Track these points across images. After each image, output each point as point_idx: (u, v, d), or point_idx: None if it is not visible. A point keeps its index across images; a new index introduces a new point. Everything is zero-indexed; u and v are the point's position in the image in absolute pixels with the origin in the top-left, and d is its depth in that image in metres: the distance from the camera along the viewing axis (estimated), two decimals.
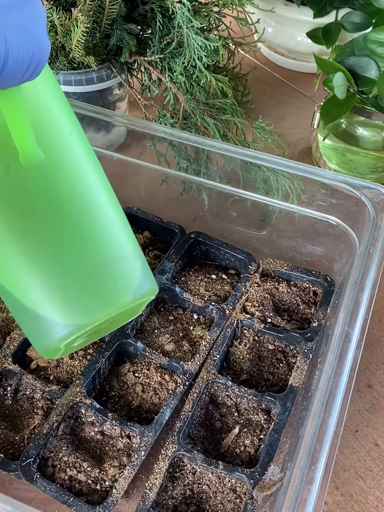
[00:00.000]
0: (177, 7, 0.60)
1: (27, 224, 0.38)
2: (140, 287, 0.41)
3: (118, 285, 0.40)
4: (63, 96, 0.43)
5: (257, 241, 0.63)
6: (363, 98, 0.63)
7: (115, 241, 0.41)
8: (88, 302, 0.39)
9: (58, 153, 0.39)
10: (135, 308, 0.44)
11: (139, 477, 0.48)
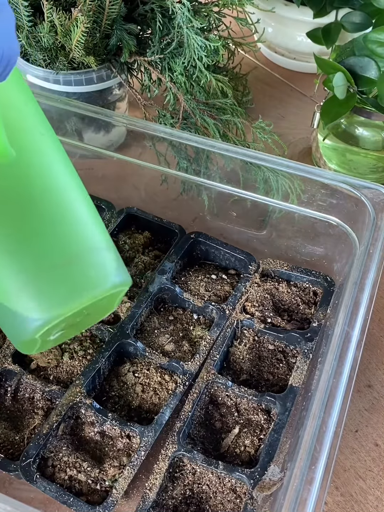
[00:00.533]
0: (177, 7, 0.60)
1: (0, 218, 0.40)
2: (112, 278, 0.43)
3: (90, 276, 0.42)
4: (35, 102, 0.44)
5: (257, 241, 0.63)
6: (363, 98, 0.63)
7: (87, 233, 0.43)
8: (61, 292, 0.40)
9: (30, 152, 0.41)
10: (109, 300, 0.45)
11: (139, 477, 0.48)
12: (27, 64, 0.66)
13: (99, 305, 0.43)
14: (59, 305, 0.40)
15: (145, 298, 0.56)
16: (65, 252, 0.41)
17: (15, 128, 0.41)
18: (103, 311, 0.48)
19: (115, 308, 0.48)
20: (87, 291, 0.41)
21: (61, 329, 0.43)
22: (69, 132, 0.64)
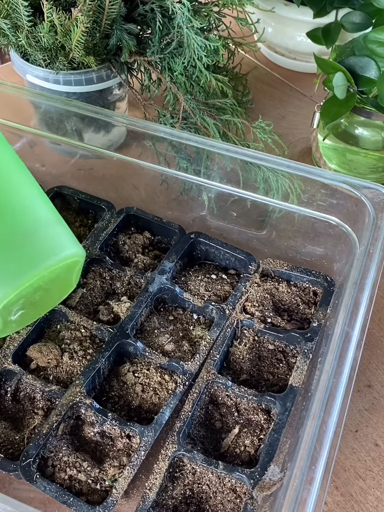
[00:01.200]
0: (177, 7, 0.60)
1: None
2: (63, 249, 0.46)
3: (44, 248, 0.45)
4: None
5: (257, 241, 0.63)
6: (363, 98, 0.63)
7: (36, 213, 0.46)
8: (15, 266, 0.43)
9: None
10: (66, 275, 0.48)
11: (139, 477, 0.48)
12: (27, 64, 0.66)
13: (57, 280, 0.47)
14: (14, 278, 0.43)
15: (145, 298, 0.56)
16: (18, 230, 0.44)
17: None
18: (62, 288, 0.50)
19: (74, 285, 0.51)
20: (40, 262, 0.44)
21: (21, 307, 0.46)
22: (69, 132, 0.64)
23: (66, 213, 0.66)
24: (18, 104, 0.64)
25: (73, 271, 0.49)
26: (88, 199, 0.65)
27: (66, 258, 0.46)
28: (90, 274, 0.60)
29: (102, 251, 0.61)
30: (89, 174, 0.69)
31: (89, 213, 0.66)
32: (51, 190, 0.66)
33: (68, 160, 0.68)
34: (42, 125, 0.65)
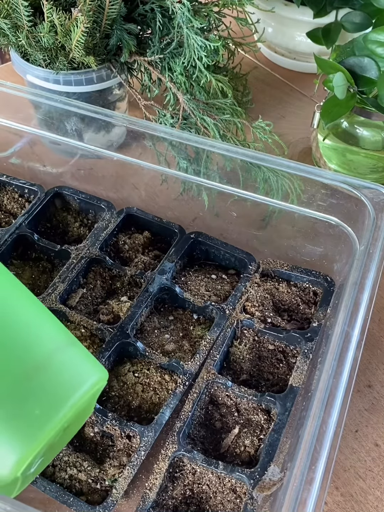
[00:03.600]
0: (177, 7, 0.60)
1: None
2: (91, 374, 0.39)
3: (65, 380, 0.37)
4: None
5: (257, 241, 0.63)
6: (363, 98, 0.63)
7: (45, 337, 0.38)
8: (37, 410, 0.35)
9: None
10: (89, 402, 0.40)
11: (139, 477, 0.48)
12: (27, 64, 0.66)
13: (80, 410, 0.39)
14: (40, 427, 0.35)
15: (145, 298, 0.56)
16: (27, 363, 0.36)
17: None
18: (82, 415, 0.43)
19: (92, 410, 0.43)
20: (68, 397, 0.36)
21: (42, 455, 0.38)
22: (69, 132, 0.64)
23: (66, 213, 0.66)
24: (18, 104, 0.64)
25: (95, 395, 0.42)
26: (88, 199, 0.65)
27: (90, 387, 0.39)
28: (90, 274, 0.60)
29: (102, 251, 0.61)
30: (89, 174, 0.69)
31: (89, 213, 0.66)
32: (51, 190, 0.66)
33: (68, 160, 0.68)
34: (42, 125, 0.65)
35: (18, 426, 0.35)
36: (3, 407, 0.35)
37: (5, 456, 0.34)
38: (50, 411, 0.36)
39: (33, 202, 0.64)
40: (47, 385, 0.36)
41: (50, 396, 0.36)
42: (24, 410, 0.35)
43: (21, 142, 0.68)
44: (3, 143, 0.69)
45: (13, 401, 0.35)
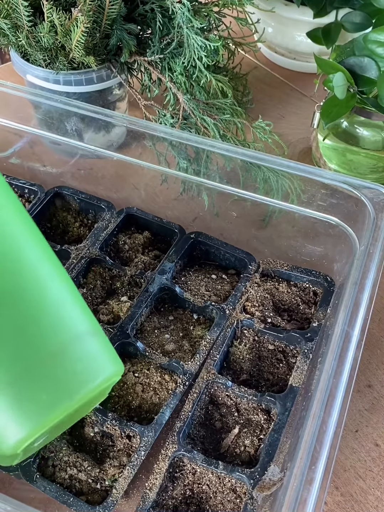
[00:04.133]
0: (177, 7, 0.60)
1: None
2: (103, 370, 0.38)
3: (76, 372, 0.36)
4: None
5: (257, 241, 0.63)
6: (363, 98, 0.63)
7: (65, 320, 0.37)
8: (43, 396, 0.35)
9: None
10: (100, 392, 0.39)
11: (139, 477, 0.48)
12: (27, 64, 0.66)
13: (90, 399, 0.38)
14: (44, 413, 0.35)
15: (145, 298, 0.56)
16: (44, 347, 0.35)
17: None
18: (93, 402, 0.42)
19: (106, 395, 0.42)
20: (75, 391, 0.36)
21: (47, 433, 0.38)
22: (69, 132, 0.64)
23: (66, 213, 0.66)
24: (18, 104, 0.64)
25: (110, 387, 0.41)
26: (88, 199, 0.65)
27: (106, 380, 0.38)
28: (90, 274, 0.60)
29: (102, 251, 0.61)
30: (89, 174, 0.69)
31: (89, 213, 0.66)
32: (51, 190, 0.66)
33: (68, 160, 0.68)
34: (42, 125, 0.65)
35: (24, 407, 0.35)
36: (13, 386, 0.34)
37: (7, 434, 0.35)
38: (56, 400, 0.35)
39: (33, 202, 0.64)
40: (59, 373, 0.36)
41: (60, 385, 0.35)
42: (32, 393, 0.35)
43: (21, 142, 0.68)
44: (3, 143, 0.69)
45: (23, 382, 0.35)
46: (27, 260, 0.37)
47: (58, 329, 0.36)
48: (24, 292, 0.36)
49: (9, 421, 0.35)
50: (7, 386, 0.34)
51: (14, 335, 0.35)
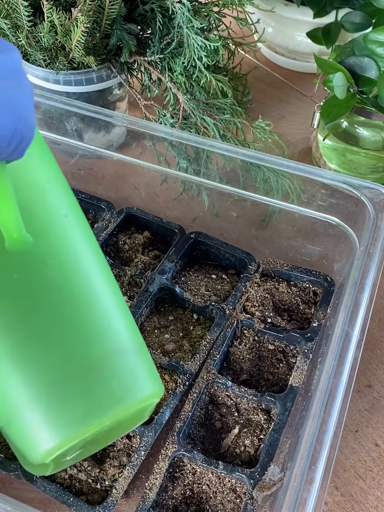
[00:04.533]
0: (177, 7, 0.60)
1: (9, 318, 0.34)
2: (140, 390, 0.36)
3: (113, 388, 0.35)
4: (59, 176, 0.39)
5: (257, 241, 0.63)
6: (363, 98, 0.63)
7: (112, 335, 0.36)
8: (77, 409, 0.34)
9: (50, 238, 0.36)
10: (138, 413, 0.38)
11: (139, 477, 0.48)
12: (27, 64, 0.66)
13: (126, 418, 0.37)
14: (74, 426, 0.34)
15: (145, 298, 0.56)
16: (84, 358, 0.34)
17: (34, 211, 0.35)
18: (131, 423, 0.41)
19: (146, 418, 0.41)
20: (109, 408, 0.35)
21: (79, 448, 0.37)
22: (69, 132, 0.64)
23: None
24: None
25: (146, 409, 0.39)
26: (88, 199, 0.65)
27: (142, 401, 0.36)
28: None
29: (102, 251, 0.61)
30: (89, 174, 0.69)
31: (89, 213, 0.66)
32: None
33: (68, 160, 0.68)
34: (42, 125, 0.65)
35: (56, 418, 0.34)
36: (48, 395, 0.34)
37: (37, 443, 0.35)
38: (89, 413, 0.34)
39: None
40: (95, 387, 0.35)
41: (94, 399, 0.35)
42: (67, 405, 0.34)
43: None
44: None
45: (58, 392, 0.34)
46: (83, 268, 0.37)
47: (102, 342, 0.36)
48: (76, 300, 0.36)
49: (40, 430, 0.34)
50: (42, 395, 0.34)
51: (59, 342, 0.34)
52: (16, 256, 0.34)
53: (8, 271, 0.34)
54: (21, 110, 0.30)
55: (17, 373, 0.34)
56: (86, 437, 0.35)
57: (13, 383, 0.34)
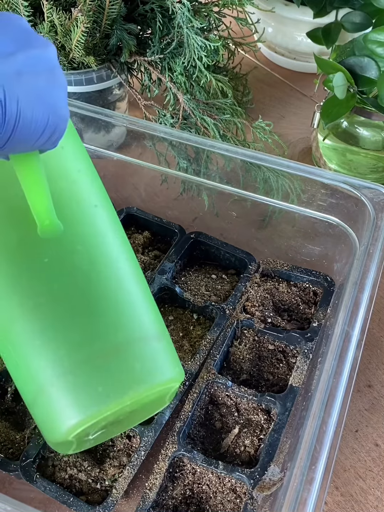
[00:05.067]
0: (177, 7, 0.60)
1: (39, 300, 0.36)
2: (160, 373, 0.38)
3: (135, 370, 0.37)
4: (90, 167, 0.41)
5: (257, 241, 0.63)
6: (363, 98, 0.63)
7: (136, 320, 0.38)
8: (100, 388, 0.36)
9: (80, 226, 0.37)
10: (158, 397, 0.40)
11: (139, 477, 0.48)
12: None
13: (147, 401, 0.39)
14: (97, 404, 0.36)
15: None
16: (109, 340, 0.36)
17: (65, 200, 0.37)
18: (153, 407, 0.43)
19: (167, 403, 0.43)
20: (131, 388, 0.36)
21: (102, 427, 0.39)
22: None
23: None
24: None
25: (167, 393, 0.41)
26: None
27: (162, 384, 0.38)
28: None
29: None
30: None
31: None
32: None
33: None
34: None
35: (79, 395, 0.36)
36: (73, 373, 0.36)
37: (60, 419, 0.36)
38: (111, 394, 0.36)
39: None
40: (118, 367, 0.36)
41: (116, 380, 0.36)
42: (90, 384, 0.36)
43: None
44: None
45: (83, 370, 0.36)
46: (110, 256, 0.39)
47: (127, 326, 0.37)
48: (103, 285, 0.37)
49: (64, 407, 0.36)
50: (68, 373, 0.36)
51: (85, 324, 0.36)
52: (47, 242, 0.36)
53: (39, 255, 0.36)
54: (54, 103, 0.31)
55: (45, 353, 0.36)
56: (108, 416, 0.36)
57: (41, 362, 0.36)
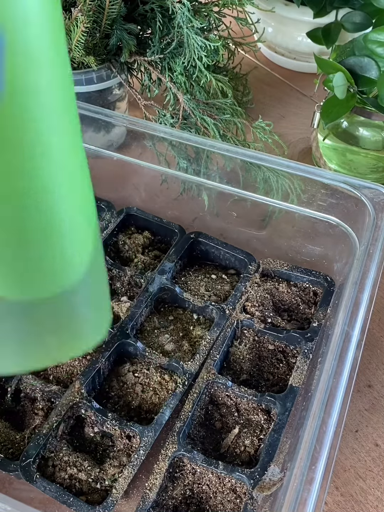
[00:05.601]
0: (177, 7, 0.60)
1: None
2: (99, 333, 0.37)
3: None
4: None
5: (257, 241, 0.63)
6: (363, 98, 0.63)
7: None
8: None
9: (28, 94, 0.27)
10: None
11: (139, 477, 0.48)
12: None
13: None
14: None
15: (145, 298, 0.56)
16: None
17: (21, 63, 0.26)
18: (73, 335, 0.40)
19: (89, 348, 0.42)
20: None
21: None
22: None
23: None
24: None
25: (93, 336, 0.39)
26: None
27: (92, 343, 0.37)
28: None
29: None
30: None
31: None
32: None
33: None
34: None
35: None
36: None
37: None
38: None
39: None
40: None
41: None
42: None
43: None
44: None
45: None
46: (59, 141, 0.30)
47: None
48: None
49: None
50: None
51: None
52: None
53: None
54: None
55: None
56: None
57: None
